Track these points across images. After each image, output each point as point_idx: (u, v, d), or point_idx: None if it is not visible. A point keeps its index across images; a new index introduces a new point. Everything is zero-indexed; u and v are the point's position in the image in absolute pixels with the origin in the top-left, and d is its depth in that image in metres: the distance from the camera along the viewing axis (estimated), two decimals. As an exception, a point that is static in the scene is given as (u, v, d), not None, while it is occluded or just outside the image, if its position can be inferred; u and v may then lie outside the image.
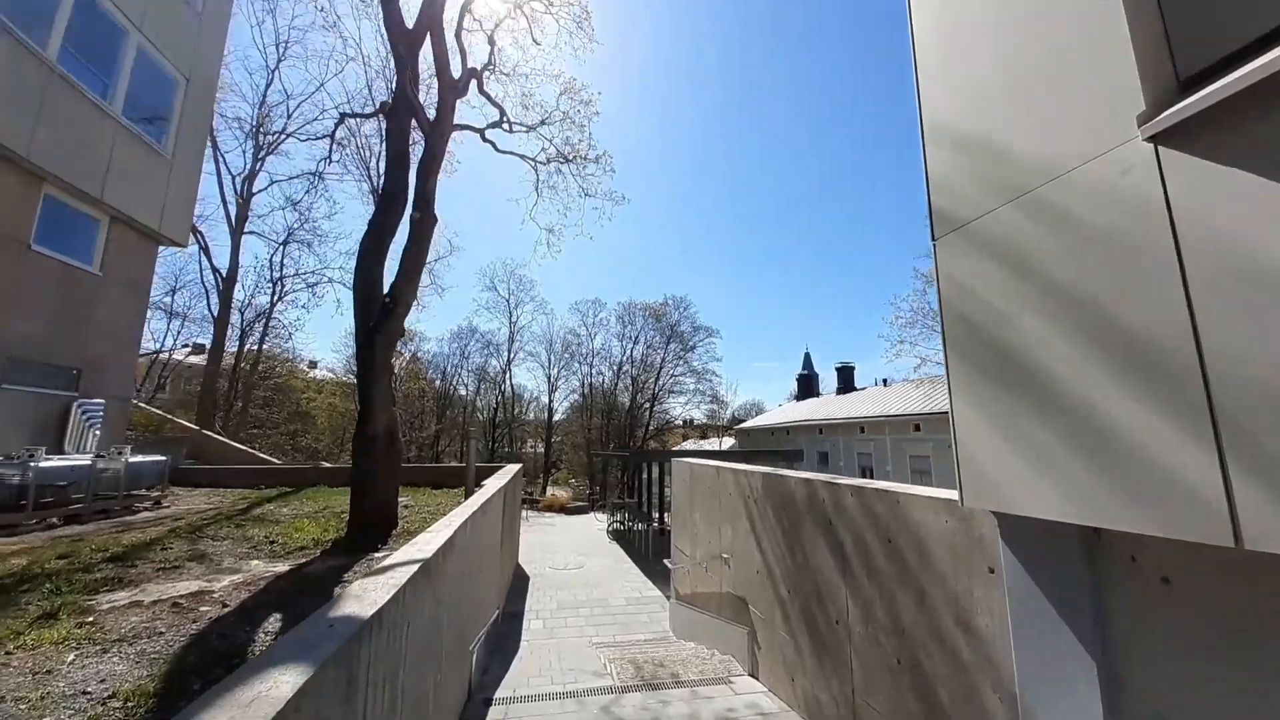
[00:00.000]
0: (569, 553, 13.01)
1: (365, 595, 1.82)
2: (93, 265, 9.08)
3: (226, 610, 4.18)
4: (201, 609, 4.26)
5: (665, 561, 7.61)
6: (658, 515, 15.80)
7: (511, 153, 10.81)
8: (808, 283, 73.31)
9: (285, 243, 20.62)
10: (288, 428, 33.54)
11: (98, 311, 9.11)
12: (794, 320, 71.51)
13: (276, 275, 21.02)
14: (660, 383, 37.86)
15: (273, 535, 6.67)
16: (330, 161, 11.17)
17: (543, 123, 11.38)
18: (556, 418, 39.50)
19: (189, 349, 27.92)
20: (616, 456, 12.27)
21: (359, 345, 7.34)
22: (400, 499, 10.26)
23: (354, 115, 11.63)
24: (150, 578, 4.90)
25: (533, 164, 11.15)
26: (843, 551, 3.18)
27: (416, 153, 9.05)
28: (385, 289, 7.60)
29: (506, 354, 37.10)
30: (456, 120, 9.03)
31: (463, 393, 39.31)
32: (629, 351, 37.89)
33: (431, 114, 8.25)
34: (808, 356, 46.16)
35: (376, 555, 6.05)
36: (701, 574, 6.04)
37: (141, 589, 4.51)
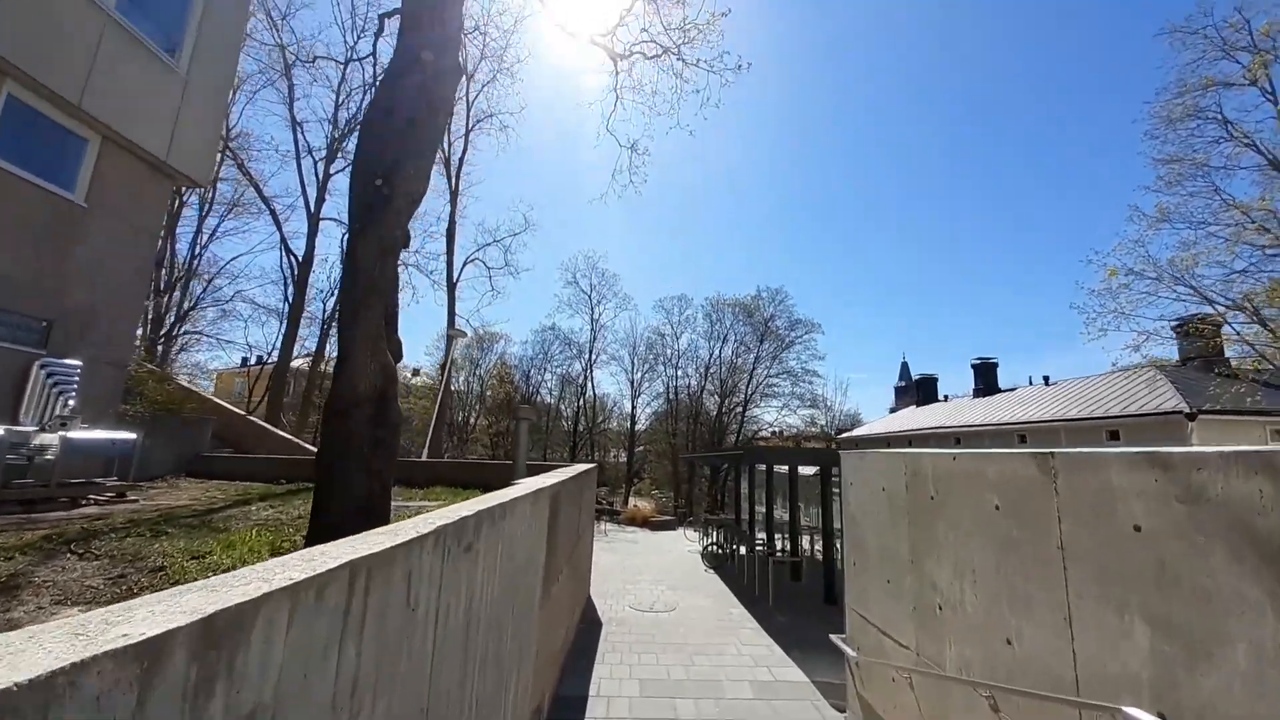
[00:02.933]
0: (656, 584, 9.85)
1: None
2: (75, 193, 7.35)
3: None
4: None
5: (837, 640, 4.22)
6: (764, 537, 12.24)
7: (579, 36, 8.02)
8: (905, 289, 64.69)
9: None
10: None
11: (79, 251, 7.36)
12: (886, 330, 63.18)
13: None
14: (753, 384, 33.89)
15: (185, 556, 4.14)
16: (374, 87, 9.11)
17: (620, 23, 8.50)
18: (639, 426, 36.70)
19: (308, 356, 28.26)
20: (716, 457, 9.02)
21: (343, 262, 4.71)
22: (428, 504, 7.68)
23: (392, 14, 9.32)
24: None
25: (610, 54, 8.28)
26: None
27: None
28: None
29: (588, 355, 34.92)
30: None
31: (546, 398, 37.65)
32: (716, 352, 34.37)
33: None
34: (905, 366, 40.05)
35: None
36: (969, 706, 2.65)
37: None
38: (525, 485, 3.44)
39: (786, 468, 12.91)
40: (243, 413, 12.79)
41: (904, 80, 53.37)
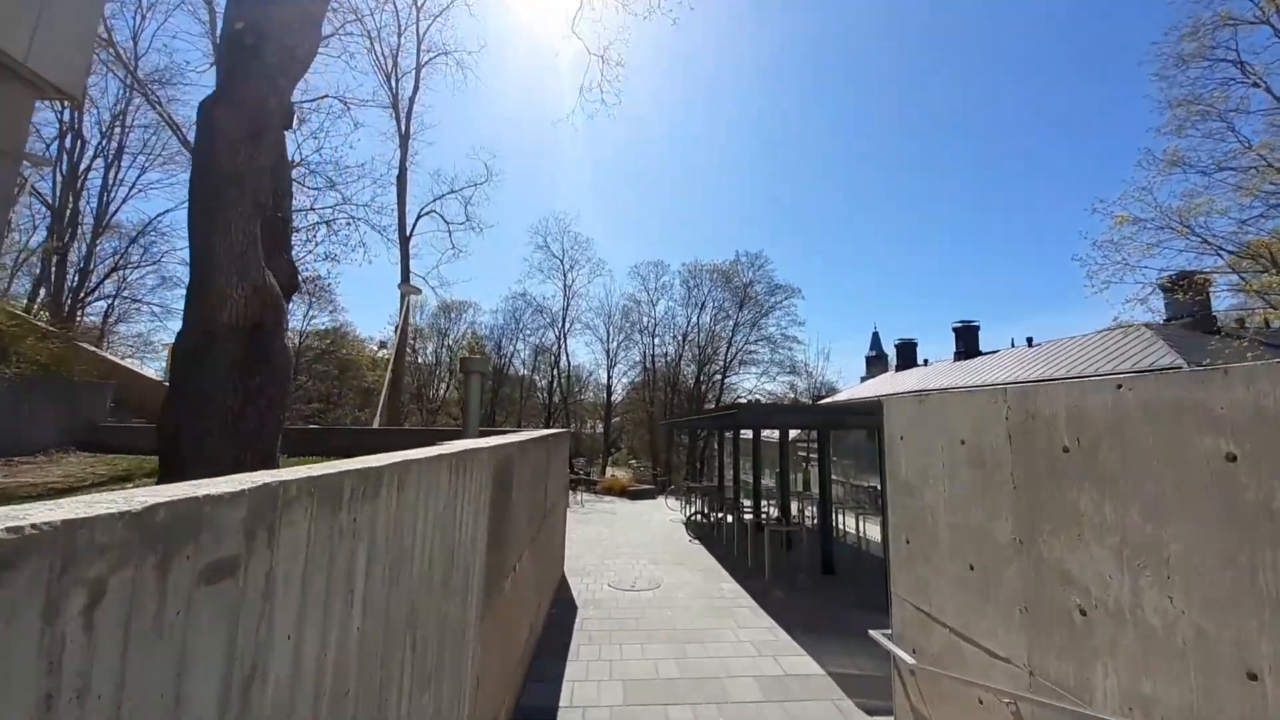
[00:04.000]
0: (637, 558, 8.94)
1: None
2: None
3: None
4: None
5: (880, 637, 3.25)
6: (751, 504, 11.39)
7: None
8: (882, 256, 63.22)
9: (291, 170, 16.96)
10: (352, 401, 33.28)
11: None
12: (858, 297, 61.60)
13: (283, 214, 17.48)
14: (731, 351, 33.06)
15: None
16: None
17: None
18: (616, 397, 35.64)
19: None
20: (708, 418, 8.02)
21: (195, 143, 3.41)
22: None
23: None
24: None
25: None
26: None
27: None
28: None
29: (561, 323, 33.39)
30: None
31: (520, 369, 36.10)
32: (694, 319, 33.30)
33: None
34: (875, 336, 39.82)
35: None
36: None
37: None
38: (447, 447, 2.31)
39: (776, 433, 12.07)
40: (156, 378, 11.14)
41: (882, 31, 51.66)
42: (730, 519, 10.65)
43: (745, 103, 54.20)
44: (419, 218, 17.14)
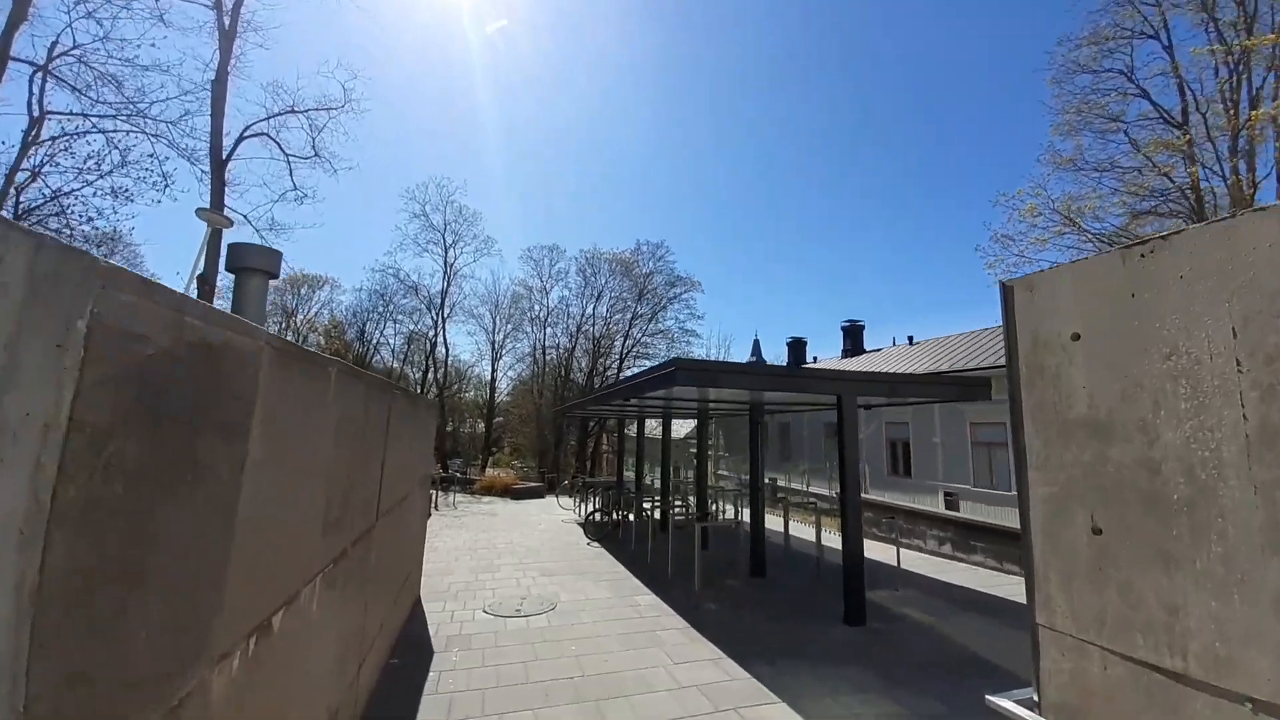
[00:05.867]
0: (524, 569, 6.96)
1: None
2: None
3: None
4: None
5: (1010, 705, 1.74)
6: (660, 498, 9.86)
7: None
8: (750, 266, 64.87)
9: (47, 64, 11.75)
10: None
11: None
12: (739, 304, 62.91)
13: (35, 112, 12.24)
14: (628, 345, 31.81)
15: None
16: None
17: None
18: (502, 396, 32.67)
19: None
20: (623, 386, 6.31)
21: None
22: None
23: None
24: None
25: None
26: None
27: None
28: None
29: (440, 307, 29.63)
30: None
31: (389, 361, 31.41)
32: (589, 310, 31.55)
33: None
34: (756, 343, 41.30)
35: None
36: None
37: None
38: None
39: (692, 423, 10.73)
40: None
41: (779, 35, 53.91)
42: (634, 516, 9.08)
43: (653, 91, 53.60)
44: (242, 139, 13.14)
